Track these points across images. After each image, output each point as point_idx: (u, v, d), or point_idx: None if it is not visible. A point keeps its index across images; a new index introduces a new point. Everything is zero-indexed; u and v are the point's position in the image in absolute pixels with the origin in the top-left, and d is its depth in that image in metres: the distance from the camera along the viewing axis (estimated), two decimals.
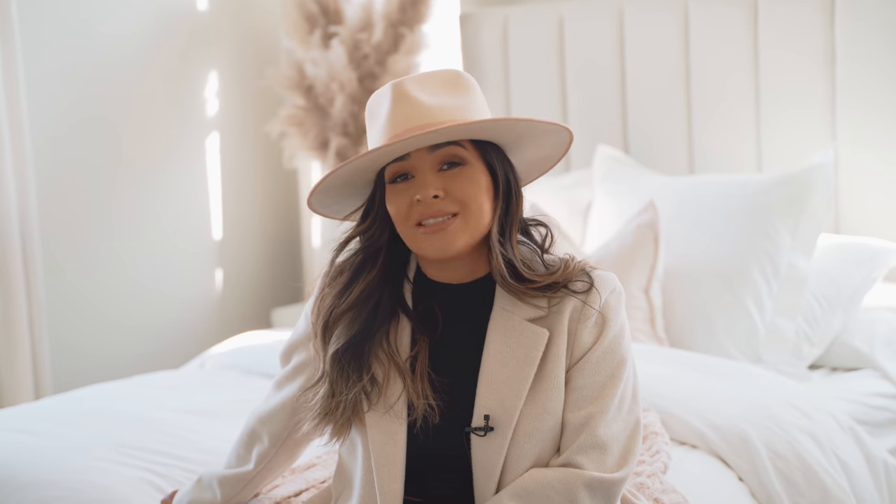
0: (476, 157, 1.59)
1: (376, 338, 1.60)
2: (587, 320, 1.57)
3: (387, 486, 1.55)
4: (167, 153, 3.83)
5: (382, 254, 1.62)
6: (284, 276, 4.27)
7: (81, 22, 3.54)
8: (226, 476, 1.80)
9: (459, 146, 1.57)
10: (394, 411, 1.57)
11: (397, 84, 1.57)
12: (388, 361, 1.59)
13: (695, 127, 3.36)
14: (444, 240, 1.55)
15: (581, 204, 3.36)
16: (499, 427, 1.53)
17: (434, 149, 1.56)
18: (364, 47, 3.68)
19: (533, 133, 1.60)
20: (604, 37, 3.48)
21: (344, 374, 1.58)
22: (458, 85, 1.60)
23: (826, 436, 2.26)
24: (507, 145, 1.62)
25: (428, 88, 1.58)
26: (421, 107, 1.55)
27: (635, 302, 2.80)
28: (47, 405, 2.54)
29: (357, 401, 1.58)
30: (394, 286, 1.63)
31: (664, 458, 2.02)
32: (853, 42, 3.06)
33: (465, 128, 1.53)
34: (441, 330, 1.61)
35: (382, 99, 1.59)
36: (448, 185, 1.56)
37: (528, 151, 1.64)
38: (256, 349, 3.03)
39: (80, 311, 3.59)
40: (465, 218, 1.55)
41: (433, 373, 1.58)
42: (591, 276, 1.60)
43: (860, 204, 3.12)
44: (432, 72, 1.61)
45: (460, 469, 1.57)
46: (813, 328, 2.83)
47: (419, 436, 1.56)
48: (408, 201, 1.56)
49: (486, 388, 1.56)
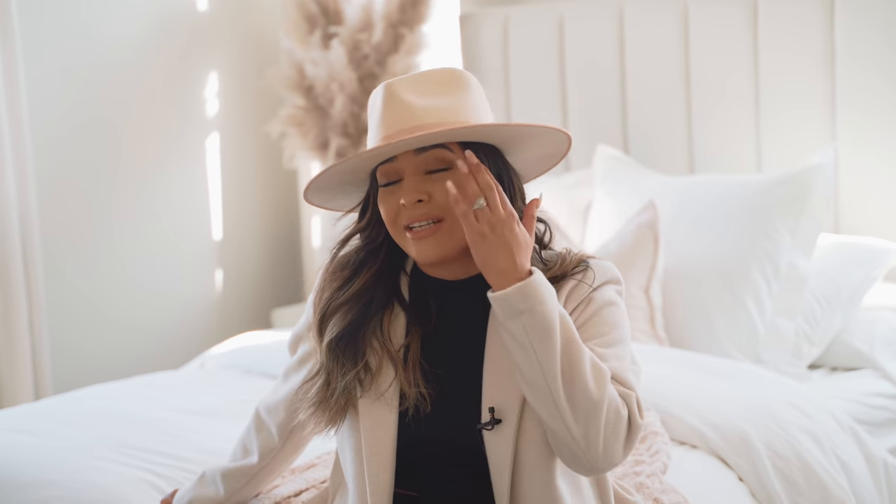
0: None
1: (370, 326, 1.61)
2: (583, 299, 1.56)
3: (375, 476, 1.55)
4: (167, 153, 3.83)
5: (383, 251, 1.64)
6: (284, 277, 4.27)
7: (81, 23, 3.54)
8: (230, 469, 1.80)
9: (446, 149, 1.56)
10: (385, 399, 1.57)
11: (389, 85, 1.57)
12: (382, 349, 1.60)
13: (695, 127, 3.36)
14: (430, 246, 1.55)
15: (581, 204, 3.36)
16: (505, 418, 1.53)
17: (420, 152, 1.56)
18: (364, 47, 3.68)
19: (523, 135, 1.59)
20: (604, 37, 3.48)
21: (339, 362, 1.59)
22: (453, 84, 1.58)
23: (826, 435, 2.26)
24: (501, 146, 1.62)
25: (420, 89, 1.57)
26: (410, 109, 1.54)
27: (635, 301, 2.80)
28: (48, 405, 2.54)
29: (351, 388, 1.58)
30: (391, 278, 1.64)
31: (664, 458, 2.02)
32: (853, 42, 3.06)
33: (448, 133, 1.52)
34: (436, 324, 1.62)
35: (376, 99, 1.59)
36: (433, 189, 1.55)
37: (526, 151, 1.64)
38: (257, 349, 3.03)
39: (81, 311, 3.59)
40: (451, 224, 1.55)
41: (427, 364, 1.59)
42: (588, 263, 1.60)
43: (860, 204, 3.12)
44: (428, 71, 1.60)
45: (458, 464, 1.57)
46: (813, 328, 2.83)
47: (414, 425, 1.57)
48: (395, 205, 1.57)
49: (491, 382, 1.56)
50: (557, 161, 1.67)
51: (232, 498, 1.81)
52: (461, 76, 1.60)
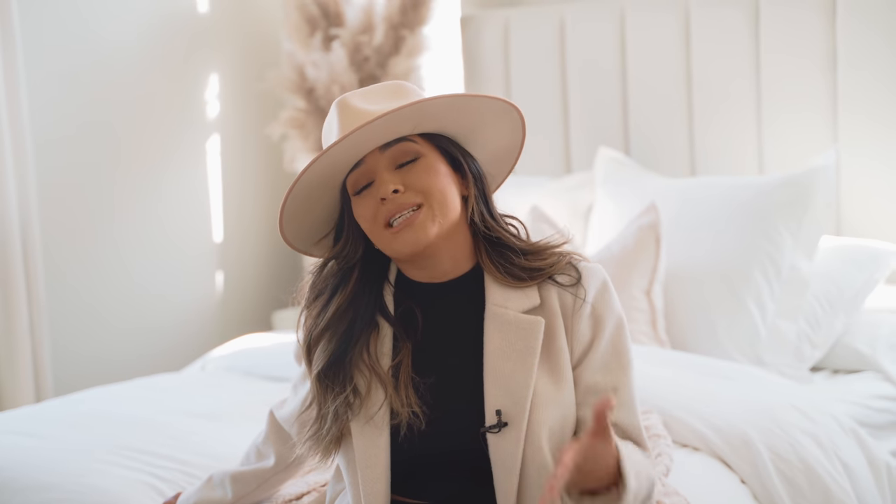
0: (430, 149, 1.60)
1: (356, 349, 1.60)
2: (581, 313, 1.58)
3: (370, 486, 1.55)
4: (168, 156, 3.83)
5: (357, 269, 1.63)
6: (285, 279, 4.27)
7: (82, 26, 3.54)
8: (241, 472, 1.80)
9: (410, 141, 1.58)
10: (375, 421, 1.57)
11: (340, 100, 1.59)
12: (370, 372, 1.59)
13: (696, 129, 3.36)
14: (414, 233, 1.55)
15: (582, 206, 3.36)
16: (512, 421, 1.53)
17: (385, 148, 1.57)
18: (365, 50, 3.68)
19: (482, 118, 1.60)
20: (605, 39, 3.48)
21: (329, 390, 1.59)
22: (401, 92, 1.61)
23: (828, 438, 2.25)
24: (461, 137, 1.63)
25: (370, 98, 1.59)
26: (363, 112, 1.55)
27: (637, 304, 2.80)
28: (48, 408, 2.54)
29: (340, 413, 1.58)
30: (372, 293, 1.63)
31: (666, 461, 2.02)
32: (854, 44, 3.06)
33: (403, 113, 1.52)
34: (427, 331, 1.61)
35: (331, 115, 1.60)
36: (406, 178, 1.56)
37: (487, 142, 1.64)
38: (257, 352, 3.03)
39: (81, 313, 3.59)
40: (430, 206, 1.56)
41: (419, 376, 1.58)
42: (577, 269, 1.60)
43: (862, 206, 3.11)
44: (374, 85, 1.63)
45: (458, 469, 1.57)
46: (815, 330, 2.83)
47: (414, 432, 1.56)
48: (373, 205, 1.57)
49: (493, 384, 1.55)
50: (516, 156, 1.68)
51: (239, 502, 1.81)
52: (408, 86, 1.63)
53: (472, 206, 1.60)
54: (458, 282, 1.62)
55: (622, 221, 3.08)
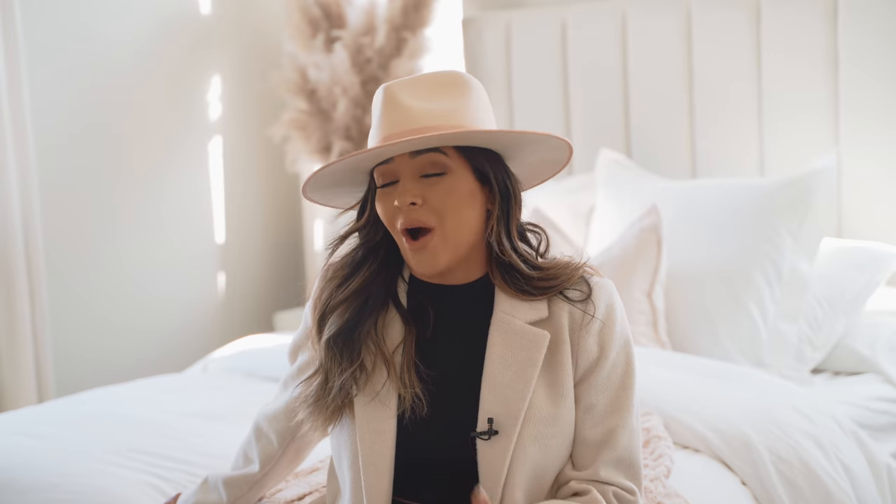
0: (461, 164, 1.57)
1: (366, 325, 1.60)
2: (589, 329, 1.57)
3: (373, 486, 1.55)
4: (170, 157, 3.83)
5: (383, 249, 1.64)
6: (287, 280, 4.27)
7: (84, 27, 3.55)
8: (232, 477, 1.80)
9: (441, 153, 1.55)
10: (381, 399, 1.57)
11: (388, 87, 1.57)
12: (376, 350, 1.59)
13: (697, 131, 3.36)
14: (426, 259, 1.56)
15: (583, 208, 3.36)
16: (503, 430, 1.53)
17: (415, 155, 1.55)
18: (367, 51, 3.68)
19: (521, 142, 1.58)
20: (607, 41, 3.48)
21: (336, 360, 1.59)
22: (453, 88, 1.58)
23: (829, 440, 2.26)
24: (501, 151, 1.61)
25: (418, 92, 1.57)
26: (407, 112, 1.54)
27: (638, 306, 2.80)
28: (50, 408, 2.54)
29: (347, 387, 1.58)
30: (389, 278, 1.64)
31: (667, 463, 2.02)
32: (856, 46, 3.06)
33: (439, 138, 1.51)
34: (435, 328, 1.61)
35: (376, 101, 1.60)
36: (427, 193, 1.55)
37: (527, 156, 1.63)
38: (259, 353, 3.03)
39: (83, 314, 3.59)
40: (442, 234, 1.55)
41: (424, 367, 1.58)
42: (589, 283, 1.60)
43: (863, 208, 3.11)
44: (429, 73, 1.60)
45: (455, 471, 1.57)
46: (815, 332, 2.83)
47: (410, 431, 1.56)
48: (391, 206, 1.57)
49: (490, 391, 1.55)
50: (559, 168, 1.66)
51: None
52: (462, 79, 1.59)
53: (493, 225, 1.58)
54: (469, 286, 1.63)
55: (623, 223, 3.09)
